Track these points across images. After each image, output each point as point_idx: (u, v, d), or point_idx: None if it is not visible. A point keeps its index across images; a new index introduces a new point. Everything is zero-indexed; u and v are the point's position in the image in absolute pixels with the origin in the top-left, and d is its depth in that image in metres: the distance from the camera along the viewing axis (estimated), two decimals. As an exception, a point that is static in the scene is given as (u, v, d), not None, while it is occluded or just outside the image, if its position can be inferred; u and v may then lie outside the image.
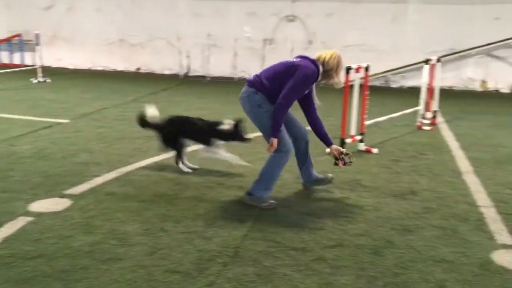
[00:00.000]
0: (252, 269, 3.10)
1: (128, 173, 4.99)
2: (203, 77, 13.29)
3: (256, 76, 4.19)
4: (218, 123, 5.03)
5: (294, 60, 4.17)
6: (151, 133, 5.24)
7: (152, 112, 5.24)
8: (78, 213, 3.93)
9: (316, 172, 4.59)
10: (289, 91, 3.98)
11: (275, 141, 4.01)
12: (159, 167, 5.21)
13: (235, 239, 3.51)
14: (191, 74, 13.66)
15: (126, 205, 4.11)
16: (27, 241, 3.43)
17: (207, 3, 13.10)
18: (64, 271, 3.02)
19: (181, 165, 5.10)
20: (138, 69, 14.22)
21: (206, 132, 5.01)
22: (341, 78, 4.30)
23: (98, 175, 4.86)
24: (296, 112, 4.39)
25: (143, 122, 5.28)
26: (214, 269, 3.09)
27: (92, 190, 4.46)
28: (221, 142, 5.04)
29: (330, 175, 4.64)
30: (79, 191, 4.43)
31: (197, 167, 5.17)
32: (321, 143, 4.43)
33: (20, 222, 3.73)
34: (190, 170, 5.08)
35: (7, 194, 4.31)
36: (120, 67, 14.34)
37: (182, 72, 13.63)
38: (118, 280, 2.94)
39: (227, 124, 4.97)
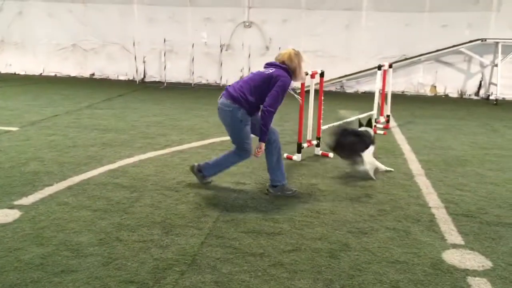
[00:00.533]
0: (210, 276, 3.08)
1: (81, 181, 4.85)
2: (159, 82, 13.14)
3: (239, 91, 4.37)
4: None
5: (269, 71, 4.40)
6: (106, 140, 5.10)
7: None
8: (29, 224, 3.78)
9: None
10: (275, 100, 4.30)
11: (263, 145, 4.40)
12: (114, 175, 5.09)
13: (193, 246, 3.48)
14: (147, 79, 13.47)
15: (79, 215, 3.99)
16: (-27, 255, 3.27)
17: (163, 8, 12.97)
18: (14, 286, 2.90)
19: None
20: (92, 74, 13.89)
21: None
22: (303, 72, 4.64)
23: (50, 185, 4.71)
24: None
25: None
26: (171, 278, 3.04)
27: (43, 200, 4.31)
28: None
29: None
30: (29, 201, 4.27)
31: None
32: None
33: (-35, 235, 3.56)
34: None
35: (-49, 206, 4.10)
36: (73, 73, 13.96)
37: (138, 77, 13.42)
38: (71, 293, 2.85)
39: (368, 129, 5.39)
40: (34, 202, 4.26)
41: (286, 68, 4.40)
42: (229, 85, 4.54)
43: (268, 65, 4.48)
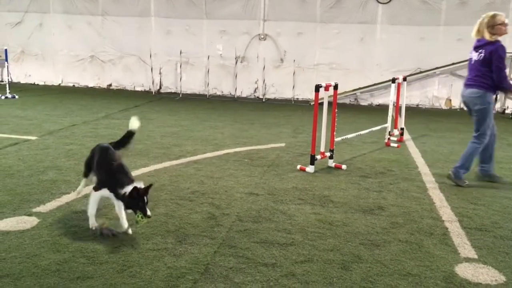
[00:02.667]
0: (223, 285, 3.12)
1: (98, 190, 4.93)
2: (175, 94, 13.30)
3: (481, 79, 5.34)
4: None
5: (481, 55, 5.32)
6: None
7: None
8: (46, 231, 3.87)
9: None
10: (499, 72, 5.20)
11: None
12: (130, 184, 5.17)
13: (206, 255, 3.53)
14: (163, 91, 13.65)
15: (96, 223, 4.06)
16: (-8, 260, 3.36)
17: (179, 21, 13.18)
18: (31, 291, 2.97)
19: None
20: (110, 85, 14.12)
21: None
22: (498, 28, 5.26)
23: (67, 193, 4.80)
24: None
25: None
26: (184, 286, 3.09)
27: (60, 208, 4.40)
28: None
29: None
30: (47, 209, 4.36)
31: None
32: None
33: (-15, 241, 3.65)
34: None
35: (-28, 212, 4.21)
36: (91, 84, 14.22)
37: (154, 88, 13.61)
38: (87, 298, 2.91)
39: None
40: (51, 209, 4.35)
41: (488, 41, 5.17)
42: (467, 80, 5.60)
43: (476, 48, 5.43)
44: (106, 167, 3.96)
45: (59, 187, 4.99)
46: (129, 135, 4.52)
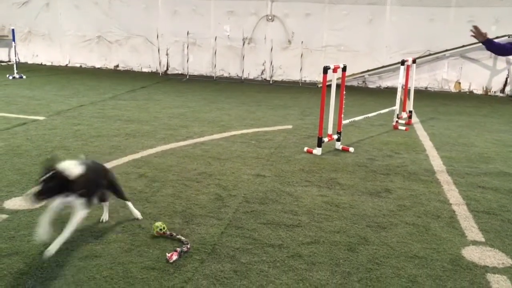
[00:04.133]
0: (229, 265, 3.14)
1: (106, 170, 4.96)
2: (182, 75, 13.26)
3: None
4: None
5: None
6: (130, 131, 5.19)
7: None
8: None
9: None
10: None
11: None
12: (137, 164, 5.19)
13: (212, 236, 3.54)
14: (170, 72, 13.60)
15: (103, 203, 4.09)
16: (2, 238, 3.39)
17: (187, 1, 13.06)
18: (40, 268, 3.01)
19: None
20: (117, 66, 14.09)
21: None
22: None
23: (75, 173, 4.82)
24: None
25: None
26: (191, 266, 3.11)
27: (68, 188, 4.42)
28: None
29: None
30: (55, 188, 4.38)
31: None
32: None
33: (-6, 219, 3.69)
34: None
35: (-19, 191, 4.25)
36: (98, 64, 14.19)
37: (161, 70, 13.56)
38: (95, 277, 2.94)
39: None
40: (59, 189, 4.37)
41: None
42: None
43: None
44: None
45: (67, 167, 5.00)
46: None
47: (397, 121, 7.50)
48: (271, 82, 12.68)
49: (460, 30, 11.37)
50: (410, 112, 7.85)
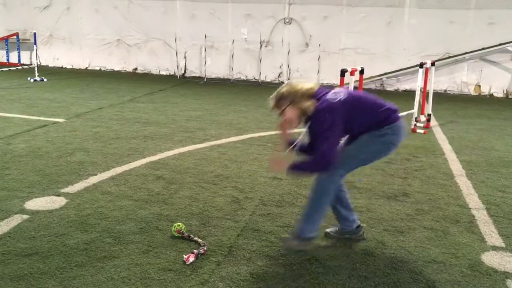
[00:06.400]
0: (246, 268, 3.15)
1: (124, 172, 5.02)
2: (199, 78, 13.34)
3: None
4: None
5: None
6: (148, 133, 5.24)
7: None
8: (74, 212, 3.96)
9: None
10: None
11: None
12: (154, 166, 5.24)
13: (229, 238, 3.55)
14: (188, 75, 13.70)
15: (122, 204, 4.14)
16: (22, 238, 3.46)
17: (204, 5, 13.15)
18: (60, 269, 3.06)
19: None
20: (135, 69, 14.25)
21: None
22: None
23: (94, 174, 4.89)
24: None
25: None
26: (207, 268, 3.12)
27: (87, 189, 4.49)
28: None
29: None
30: (75, 189, 4.46)
31: None
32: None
33: (15, 220, 3.76)
34: None
35: (3, 192, 4.33)
36: (117, 67, 14.37)
37: (179, 73, 13.67)
38: (113, 277, 2.98)
39: None
40: (79, 190, 4.45)
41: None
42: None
43: None
44: None
45: (87, 168, 5.08)
46: None
47: (415, 124, 7.43)
48: (288, 85, 12.66)
49: (480, 32, 11.26)
50: (429, 115, 7.77)
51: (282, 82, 12.76)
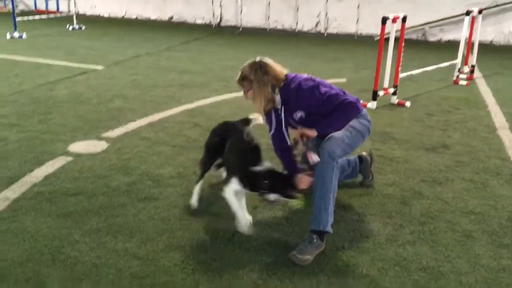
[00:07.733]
0: (281, 213, 3.20)
1: (161, 119, 5.10)
2: (235, 27, 13.15)
3: None
4: None
5: None
6: (184, 81, 5.26)
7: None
8: (115, 155, 4.08)
9: None
10: None
11: None
12: (191, 114, 5.30)
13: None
14: (223, 24, 13.53)
15: (160, 150, 4.24)
16: (67, 179, 3.61)
17: (241, -50, 12.77)
18: (103, 207, 3.19)
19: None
20: (171, 18, 14.16)
21: None
22: None
23: (133, 120, 5.00)
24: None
25: None
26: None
27: (127, 134, 4.60)
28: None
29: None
30: (115, 134, 4.58)
31: None
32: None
33: (60, 161, 3.91)
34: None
35: (47, 135, 4.49)
36: (153, 16, 14.31)
37: (214, 22, 13.51)
38: (154, 217, 3.09)
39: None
40: (119, 135, 4.57)
41: None
42: None
43: None
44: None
45: (125, 114, 5.19)
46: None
47: (458, 76, 7.17)
48: (325, 35, 12.36)
49: (534, -22, 10.54)
50: (473, 66, 7.46)
51: (319, 32, 12.46)
